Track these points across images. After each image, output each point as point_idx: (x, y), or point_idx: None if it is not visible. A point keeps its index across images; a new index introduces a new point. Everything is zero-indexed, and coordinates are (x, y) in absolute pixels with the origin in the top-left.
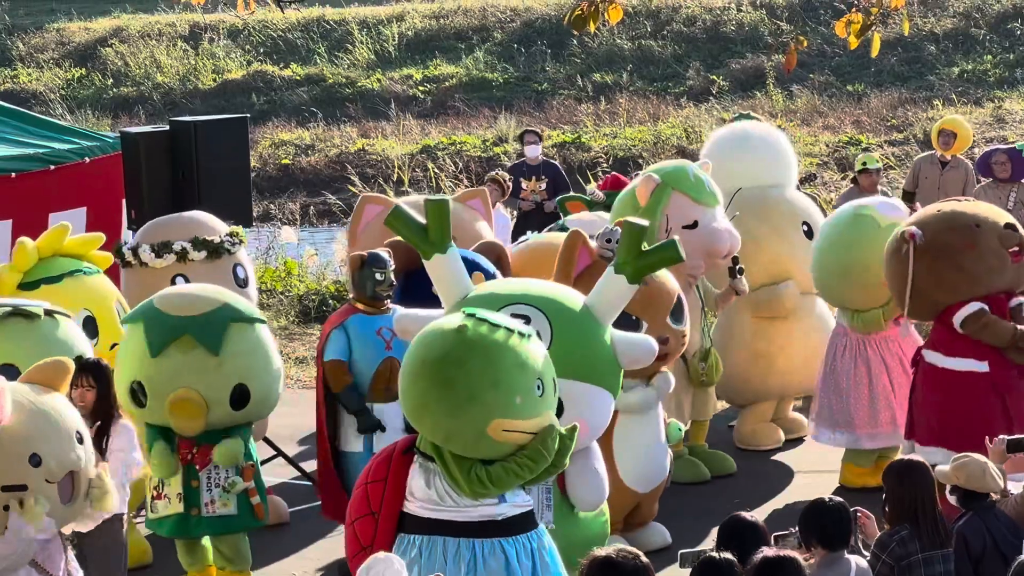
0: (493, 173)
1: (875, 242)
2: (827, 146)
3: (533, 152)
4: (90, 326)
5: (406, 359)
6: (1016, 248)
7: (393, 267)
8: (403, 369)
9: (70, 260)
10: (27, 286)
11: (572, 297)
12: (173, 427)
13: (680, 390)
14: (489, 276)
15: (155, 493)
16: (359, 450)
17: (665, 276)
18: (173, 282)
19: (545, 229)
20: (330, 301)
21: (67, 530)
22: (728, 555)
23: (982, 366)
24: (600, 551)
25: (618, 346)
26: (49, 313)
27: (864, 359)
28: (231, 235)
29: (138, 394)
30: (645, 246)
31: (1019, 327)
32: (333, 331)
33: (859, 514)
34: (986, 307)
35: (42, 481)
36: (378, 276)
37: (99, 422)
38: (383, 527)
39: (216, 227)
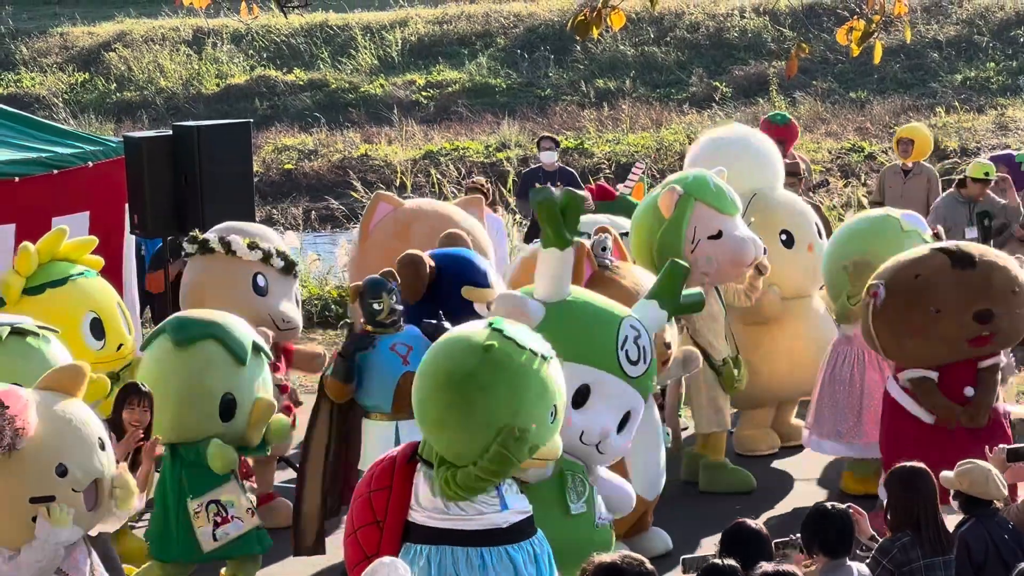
0: (470, 182)
1: (892, 242)
2: (830, 153)
3: (549, 158)
4: (97, 328)
5: (429, 366)
6: (979, 336)
7: (395, 288)
8: (425, 376)
9: (68, 264)
10: (32, 291)
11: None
12: (251, 438)
13: (718, 396)
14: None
15: (219, 520)
16: None
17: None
18: (255, 279)
19: None
20: (332, 306)
21: (93, 532)
22: (732, 562)
23: (929, 417)
24: (605, 557)
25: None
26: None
27: (861, 370)
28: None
29: (226, 409)
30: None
31: (958, 407)
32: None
33: (851, 511)
34: (931, 377)
35: (68, 491)
36: (375, 306)
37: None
38: (388, 536)
39: (283, 247)
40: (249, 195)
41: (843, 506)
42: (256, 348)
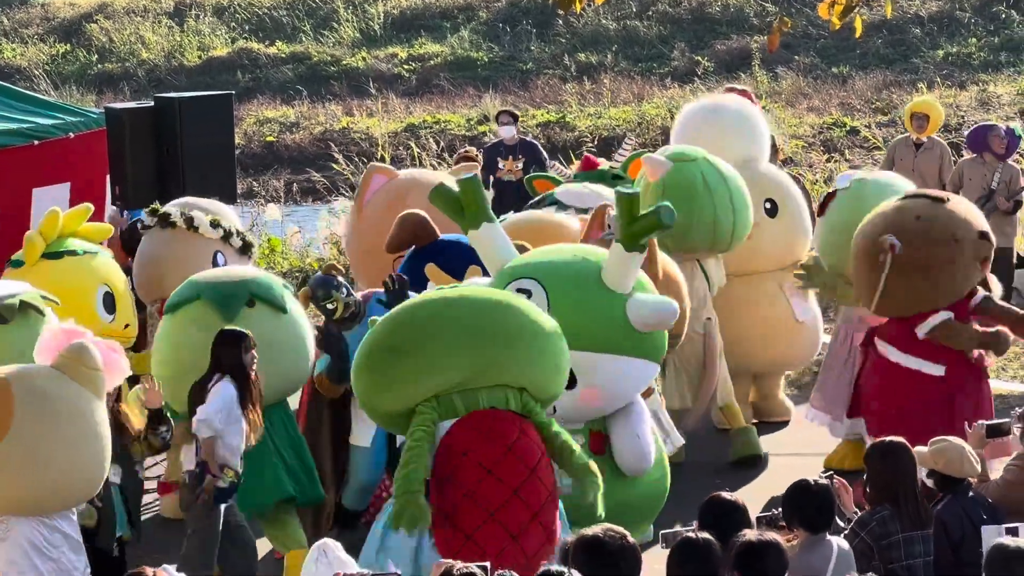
0: (463, 151)
1: None
2: (812, 128)
3: (507, 133)
4: (109, 302)
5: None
6: (986, 256)
7: (342, 284)
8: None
9: (83, 241)
10: (52, 255)
11: (584, 267)
12: None
13: (691, 371)
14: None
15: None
16: (367, 445)
17: (667, 264)
18: (214, 257)
19: (527, 205)
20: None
21: None
22: (706, 535)
23: (938, 369)
24: (587, 530)
25: (630, 310)
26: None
27: (854, 349)
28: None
29: None
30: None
31: (980, 328)
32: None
33: (836, 483)
34: (952, 316)
35: None
36: (328, 306)
37: None
38: None
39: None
40: (230, 167)
41: (824, 481)
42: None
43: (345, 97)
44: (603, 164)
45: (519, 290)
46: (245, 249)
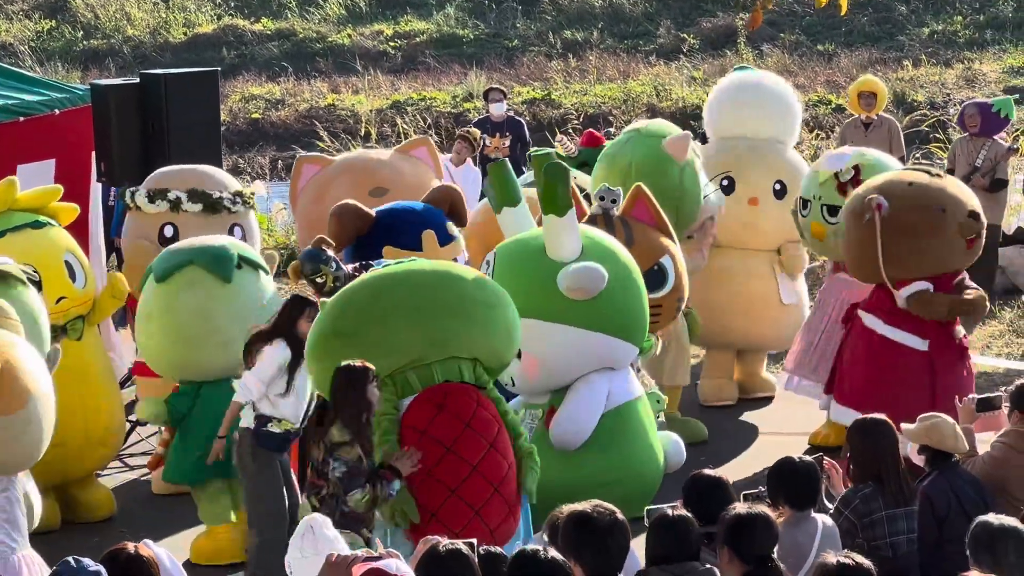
0: (464, 130)
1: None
2: None
3: (498, 110)
4: (72, 270)
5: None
6: (973, 236)
7: (330, 256)
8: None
9: (21, 215)
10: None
11: (530, 238)
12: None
13: (682, 351)
14: (442, 233)
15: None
16: None
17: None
18: (161, 231)
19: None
20: (297, 255)
21: None
22: (682, 511)
23: (922, 344)
24: (577, 506)
25: (559, 276)
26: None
27: (835, 320)
28: (236, 194)
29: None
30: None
31: (955, 296)
32: None
33: (826, 463)
34: (931, 287)
35: None
36: (318, 280)
37: None
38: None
39: (224, 183)
40: (216, 144)
41: (809, 459)
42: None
43: (331, 74)
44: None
45: (486, 261)
46: (214, 208)
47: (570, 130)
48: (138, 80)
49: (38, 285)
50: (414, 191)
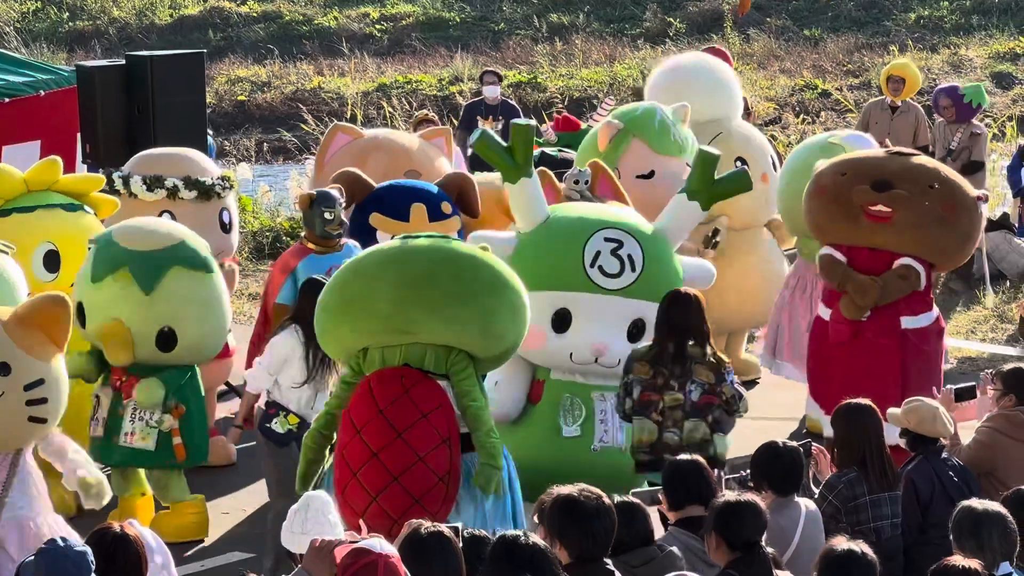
0: (419, 114)
1: None
2: (783, 90)
3: (492, 92)
4: (52, 260)
5: (452, 280)
6: (876, 207)
7: (343, 204)
8: (482, 289)
9: (53, 194)
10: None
11: (648, 223)
12: (105, 353)
13: None
14: (433, 208)
15: (93, 412)
16: None
17: None
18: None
19: None
20: (284, 238)
21: None
22: (629, 499)
23: (827, 313)
24: (563, 489)
25: (684, 269)
26: None
27: (807, 300)
28: (223, 179)
29: (80, 315)
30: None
31: (852, 272)
32: (286, 278)
33: (813, 449)
34: (834, 253)
35: None
36: (327, 215)
37: None
38: (455, 450)
39: (208, 168)
40: (202, 126)
41: (793, 444)
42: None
43: (316, 57)
44: (583, 124)
45: (608, 239)
46: (206, 194)
47: (555, 114)
48: (124, 62)
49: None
50: (439, 177)
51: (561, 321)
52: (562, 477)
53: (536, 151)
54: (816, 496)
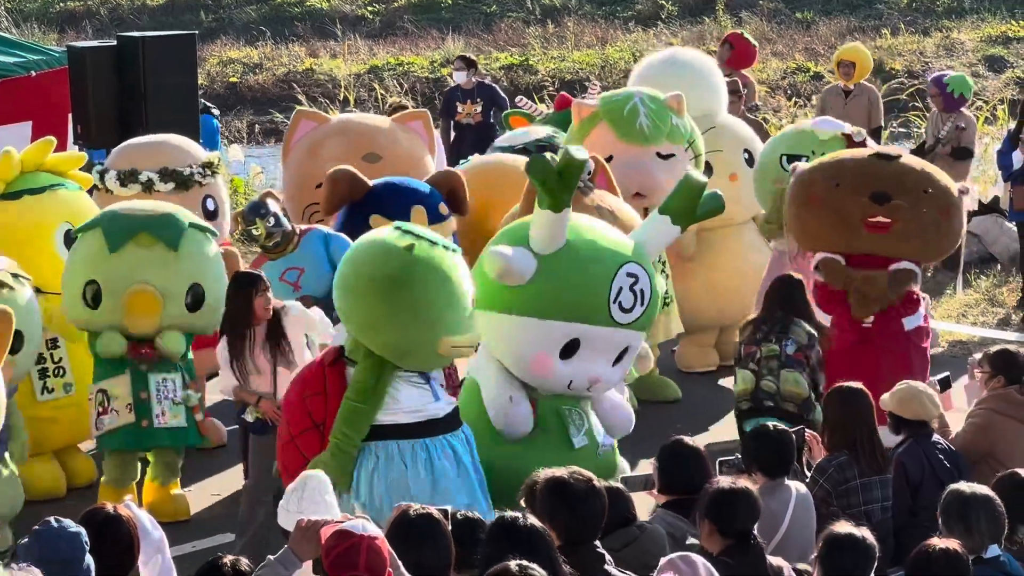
0: (392, 101)
1: (813, 154)
2: (775, 73)
3: (460, 78)
4: (70, 240)
5: (347, 275)
6: (876, 218)
7: (273, 208)
8: (345, 285)
9: (50, 175)
10: (9, 196)
11: (639, 246)
12: (128, 325)
13: None
14: (432, 209)
15: (101, 409)
16: None
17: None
18: None
19: (489, 150)
20: None
21: None
22: (619, 485)
23: (825, 319)
24: (554, 472)
25: None
26: None
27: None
28: (205, 165)
29: (92, 296)
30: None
31: (854, 271)
32: None
33: (806, 435)
34: (833, 256)
35: None
36: (253, 232)
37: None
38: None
39: (192, 154)
40: (193, 107)
41: (784, 427)
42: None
43: (309, 38)
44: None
45: (629, 274)
46: (184, 184)
47: (547, 97)
48: (115, 43)
49: None
50: (407, 162)
51: (569, 349)
52: None
53: (524, 130)
54: (807, 480)
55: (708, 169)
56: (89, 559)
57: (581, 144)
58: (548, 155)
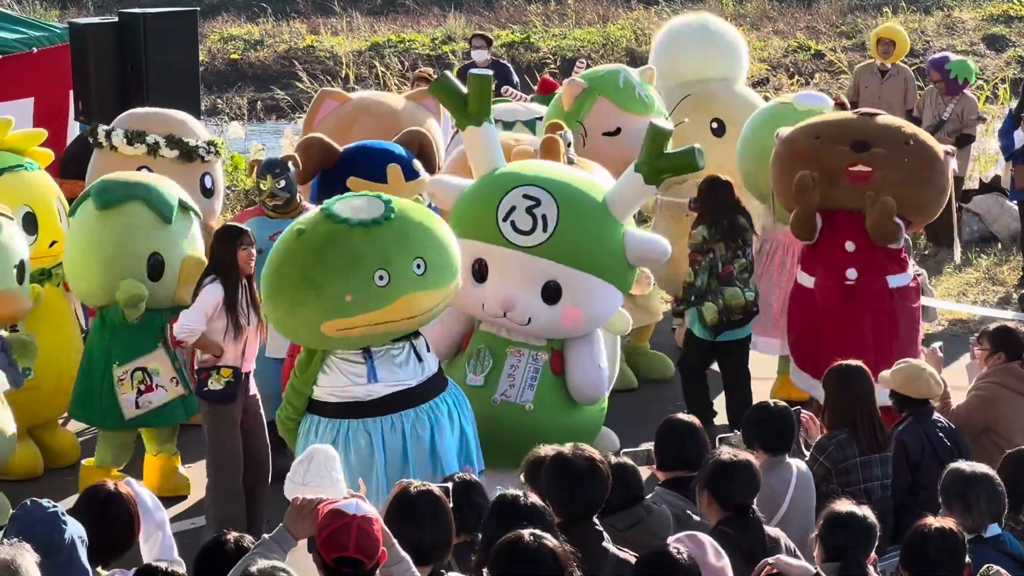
0: (419, 71)
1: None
2: (777, 51)
3: (480, 56)
4: (30, 222)
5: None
6: (857, 167)
7: (291, 171)
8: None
9: (11, 155)
10: None
11: (591, 188)
12: (181, 296)
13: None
14: (407, 167)
15: (143, 387)
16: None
17: None
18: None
19: None
20: None
21: None
22: (628, 461)
23: (810, 281)
24: (557, 448)
25: (628, 242)
26: None
27: (784, 267)
28: (209, 143)
29: (154, 267)
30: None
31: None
32: None
33: (803, 416)
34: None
35: None
36: (261, 186)
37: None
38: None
39: (198, 132)
40: (195, 84)
41: (784, 403)
42: (183, 206)
43: (310, 15)
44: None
45: (526, 196)
46: (188, 156)
47: (548, 75)
48: (117, 19)
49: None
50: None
51: (479, 272)
52: None
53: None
54: (807, 459)
55: (722, 128)
56: (71, 532)
57: (582, 124)
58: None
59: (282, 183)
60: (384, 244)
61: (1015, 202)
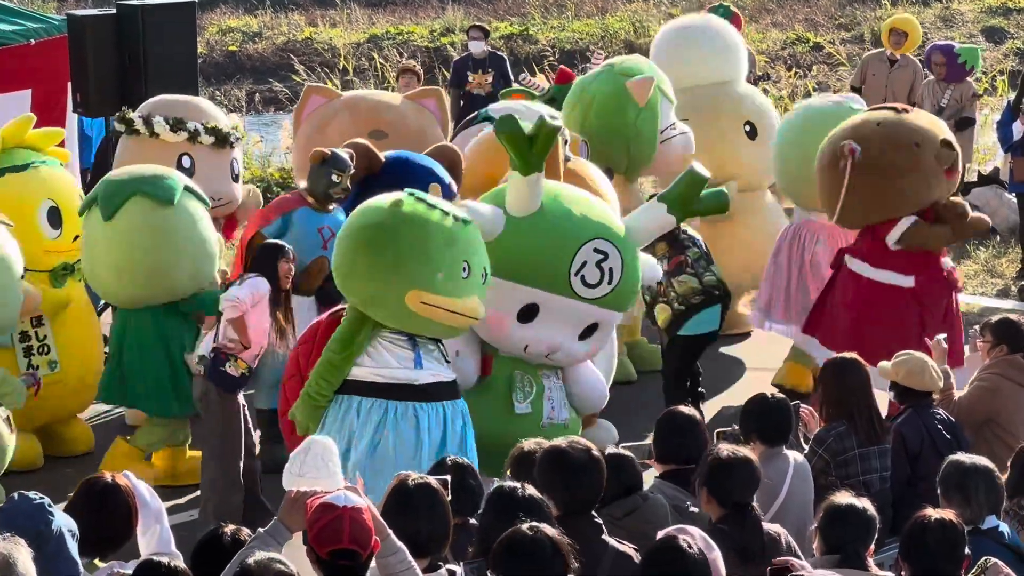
0: (402, 64)
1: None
2: (776, 43)
3: (476, 48)
4: (54, 216)
5: (345, 226)
6: (951, 166)
7: (352, 171)
8: (341, 235)
9: (31, 152)
10: None
11: (626, 228)
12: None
13: None
14: (445, 188)
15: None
16: None
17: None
18: (179, 160)
19: (463, 122)
20: (274, 188)
21: None
22: (625, 452)
23: (908, 280)
24: (553, 441)
25: (646, 269)
26: None
27: (812, 255)
28: (235, 129)
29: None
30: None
31: (956, 220)
32: (279, 217)
33: (802, 410)
34: (918, 219)
35: None
36: (334, 178)
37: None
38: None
39: (221, 118)
40: (193, 76)
41: (782, 396)
42: (190, 191)
43: (308, 7)
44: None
45: (597, 250)
46: (221, 142)
47: (547, 67)
48: (115, 11)
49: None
50: (414, 140)
51: (527, 314)
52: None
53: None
54: (806, 452)
55: (753, 131)
56: (59, 524)
57: (660, 116)
58: (516, 116)
59: (342, 177)
60: (470, 241)
61: (1014, 194)
